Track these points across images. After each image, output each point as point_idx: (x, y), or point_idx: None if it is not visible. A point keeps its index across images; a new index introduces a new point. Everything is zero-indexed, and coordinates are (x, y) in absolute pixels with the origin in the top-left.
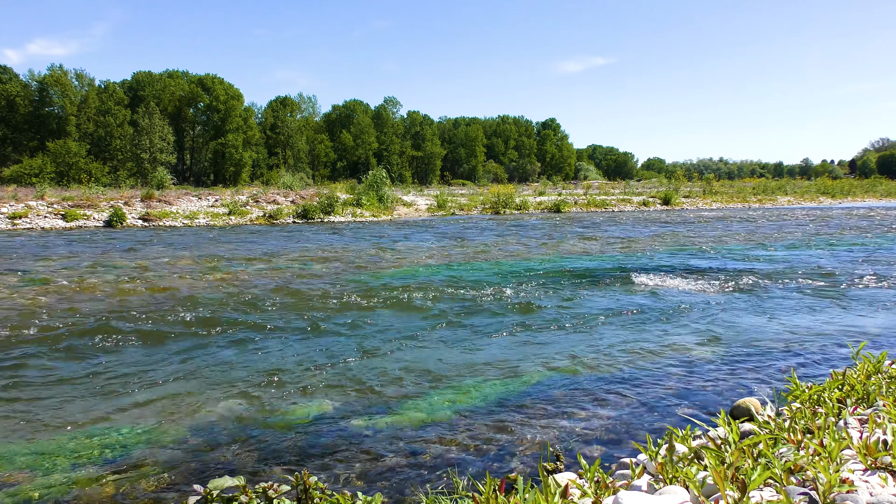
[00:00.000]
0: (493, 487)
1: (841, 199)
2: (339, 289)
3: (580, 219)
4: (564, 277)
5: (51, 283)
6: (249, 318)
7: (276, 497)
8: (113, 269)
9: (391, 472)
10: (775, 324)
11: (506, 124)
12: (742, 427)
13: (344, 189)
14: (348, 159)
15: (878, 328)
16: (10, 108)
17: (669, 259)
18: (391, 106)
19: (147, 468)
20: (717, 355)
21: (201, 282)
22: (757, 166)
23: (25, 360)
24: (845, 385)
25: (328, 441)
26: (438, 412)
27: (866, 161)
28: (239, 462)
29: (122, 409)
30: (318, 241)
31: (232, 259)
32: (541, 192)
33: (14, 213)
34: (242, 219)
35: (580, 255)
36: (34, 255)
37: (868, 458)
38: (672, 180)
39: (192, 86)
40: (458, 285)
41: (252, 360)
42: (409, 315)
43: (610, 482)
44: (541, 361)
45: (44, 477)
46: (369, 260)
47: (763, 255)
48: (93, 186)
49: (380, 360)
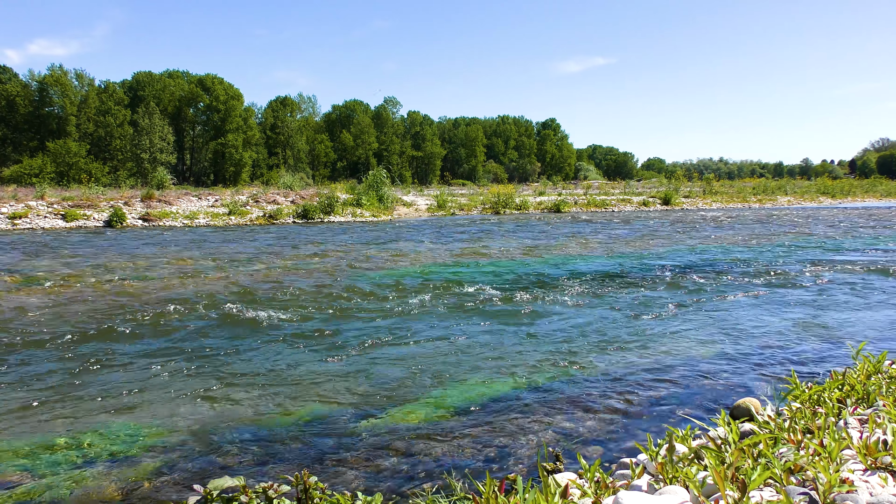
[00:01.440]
0: (492, 488)
1: (841, 199)
2: (339, 289)
3: (580, 219)
4: (563, 277)
5: (50, 283)
6: (249, 318)
7: (276, 497)
8: (113, 269)
9: (391, 472)
10: (775, 323)
11: (506, 124)
12: (742, 427)
13: (344, 189)
14: (348, 159)
15: (879, 328)
16: (10, 108)
17: (669, 259)
18: (391, 106)
19: (147, 468)
20: (717, 355)
21: (201, 282)
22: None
23: (25, 360)
24: (845, 385)
25: (328, 441)
26: (438, 412)
27: (866, 161)
28: (239, 462)
29: (122, 409)
30: (318, 241)
31: (232, 259)
32: (541, 192)
33: (14, 213)
34: (242, 219)
35: (579, 255)
36: (34, 255)
37: (868, 458)
38: (672, 180)
39: (192, 86)
40: (458, 285)
41: (252, 360)
42: (409, 315)
43: (610, 482)
44: (540, 361)
45: (43, 477)
46: (369, 260)
47: (763, 255)
48: (93, 186)
49: (379, 359)
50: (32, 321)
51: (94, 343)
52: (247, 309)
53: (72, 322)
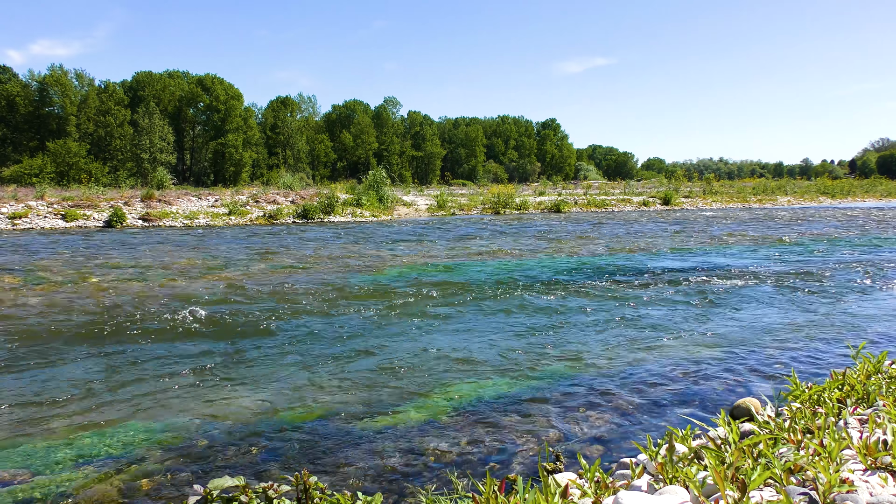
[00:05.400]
0: (493, 487)
1: (841, 199)
2: (339, 289)
3: (580, 219)
4: (563, 277)
5: (50, 283)
6: (248, 318)
7: (276, 497)
8: (113, 269)
9: (391, 472)
10: (775, 323)
11: (506, 124)
12: (742, 427)
13: (344, 189)
14: (348, 159)
15: (879, 328)
16: (10, 108)
17: (668, 259)
18: (391, 106)
19: (147, 468)
20: (717, 355)
21: (200, 282)
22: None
23: (24, 360)
24: (845, 385)
25: (328, 441)
26: (438, 412)
27: (866, 161)
28: (239, 462)
29: (122, 409)
30: (317, 241)
31: (232, 259)
32: (541, 192)
33: (14, 213)
34: (242, 219)
35: (579, 256)
36: (34, 254)
37: (868, 458)
38: (672, 180)
39: (192, 86)
40: (458, 285)
41: (251, 360)
42: (408, 315)
43: (610, 482)
44: (539, 361)
45: (44, 476)
46: (369, 260)
47: (763, 255)
48: (93, 186)
49: (379, 360)
50: (31, 321)
51: (94, 343)
52: (246, 309)
53: (71, 322)
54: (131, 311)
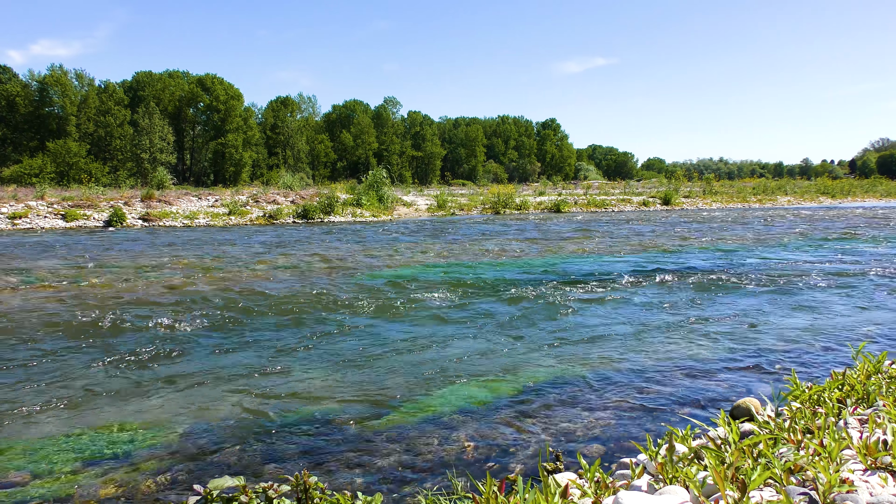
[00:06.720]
0: (492, 488)
1: (841, 199)
2: (339, 289)
3: (580, 219)
4: (563, 278)
5: (49, 283)
6: (248, 318)
7: (276, 497)
8: (112, 269)
9: (391, 472)
10: (775, 323)
11: (506, 124)
12: (742, 427)
13: (344, 189)
14: (348, 159)
15: (879, 328)
16: (10, 108)
17: (668, 259)
18: (391, 106)
19: (147, 468)
20: (717, 355)
21: (200, 281)
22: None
23: (24, 360)
24: (845, 385)
25: (328, 441)
26: (438, 412)
27: (866, 161)
28: (239, 462)
29: (121, 409)
30: (317, 241)
31: (232, 259)
32: (541, 192)
33: (14, 213)
34: (242, 219)
35: (579, 256)
36: (34, 254)
37: (868, 458)
38: (672, 180)
39: (192, 86)
40: (457, 285)
41: (251, 360)
42: (408, 315)
43: (610, 482)
44: (539, 362)
45: (43, 476)
46: (369, 260)
47: (762, 255)
48: (93, 186)
49: (379, 360)
50: (31, 321)
51: (94, 343)
52: (245, 309)
53: (71, 322)
54: (130, 311)
